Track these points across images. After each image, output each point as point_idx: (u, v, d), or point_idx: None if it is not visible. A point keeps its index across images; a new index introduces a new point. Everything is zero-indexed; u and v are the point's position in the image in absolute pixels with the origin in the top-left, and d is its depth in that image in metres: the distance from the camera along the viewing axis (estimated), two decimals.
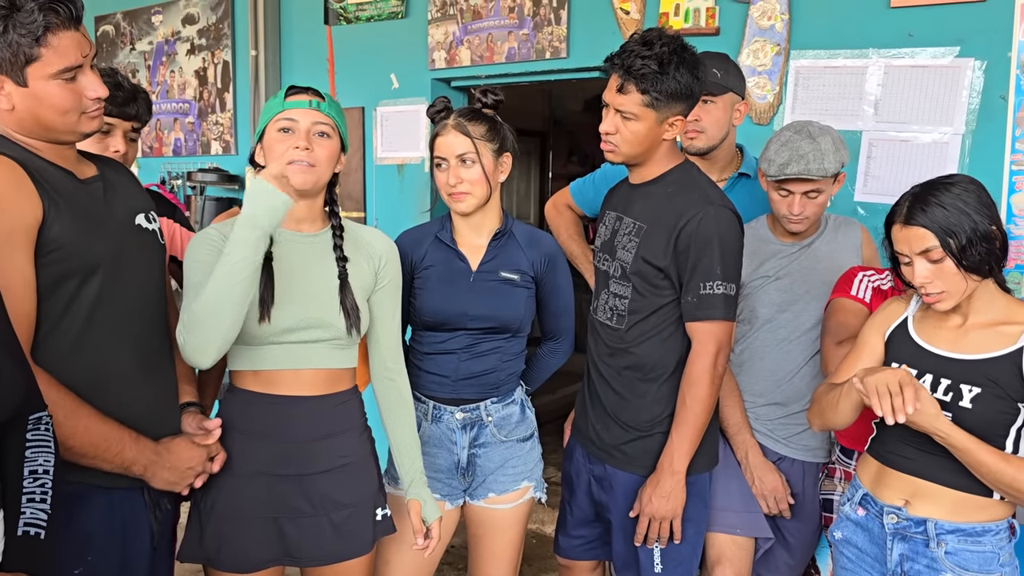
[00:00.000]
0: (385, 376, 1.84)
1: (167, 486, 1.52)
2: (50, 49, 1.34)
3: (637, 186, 1.93)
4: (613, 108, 1.80)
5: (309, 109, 1.65)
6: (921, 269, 1.57)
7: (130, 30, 4.58)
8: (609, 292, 1.94)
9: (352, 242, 1.75)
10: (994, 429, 1.54)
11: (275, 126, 1.65)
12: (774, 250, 2.10)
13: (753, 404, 2.10)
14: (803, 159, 1.93)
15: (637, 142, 1.82)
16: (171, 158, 4.47)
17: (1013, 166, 2.38)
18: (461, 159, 1.90)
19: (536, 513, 3.57)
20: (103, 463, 1.40)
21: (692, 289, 1.80)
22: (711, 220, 1.78)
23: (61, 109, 1.38)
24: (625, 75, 1.75)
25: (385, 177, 3.78)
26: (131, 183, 1.63)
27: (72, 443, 1.34)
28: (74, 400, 1.36)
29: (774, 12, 2.73)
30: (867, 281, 1.96)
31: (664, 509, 1.82)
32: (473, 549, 2.09)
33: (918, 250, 1.56)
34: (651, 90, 1.75)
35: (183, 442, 1.57)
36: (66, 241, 1.37)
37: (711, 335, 1.79)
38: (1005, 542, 1.58)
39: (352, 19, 3.77)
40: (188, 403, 1.67)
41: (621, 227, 1.92)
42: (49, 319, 1.37)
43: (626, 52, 1.76)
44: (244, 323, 1.58)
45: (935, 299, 1.58)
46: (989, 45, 2.39)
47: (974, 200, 1.54)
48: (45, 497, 1.13)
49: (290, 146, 1.62)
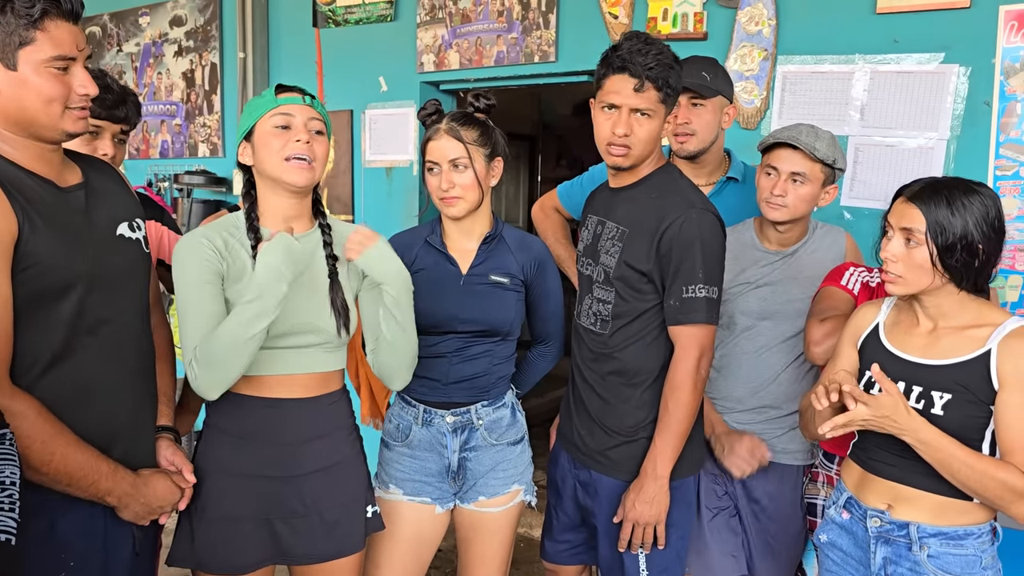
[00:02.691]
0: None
1: (134, 518, 1.49)
2: (45, 35, 1.33)
3: (619, 190, 1.94)
4: (627, 109, 1.79)
5: (304, 105, 1.64)
6: (894, 246, 1.58)
7: (117, 31, 4.56)
8: (593, 297, 1.94)
9: (339, 241, 1.74)
10: (968, 434, 1.54)
11: (269, 122, 1.62)
12: (757, 256, 2.11)
13: (732, 409, 2.10)
14: (796, 131, 1.97)
15: (651, 140, 1.83)
16: (158, 160, 4.45)
17: (997, 171, 2.40)
18: (454, 164, 1.90)
19: (524, 517, 3.57)
20: (77, 491, 1.38)
21: (674, 293, 1.80)
22: (693, 223, 1.78)
23: (47, 97, 1.35)
24: (643, 73, 1.75)
25: (373, 180, 3.78)
26: (117, 188, 1.60)
27: (47, 469, 1.32)
28: (55, 426, 1.34)
29: (762, 17, 2.74)
30: (857, 275, 1.97)
31: (648, 514, 1.82)
32: (462, 552, 2.09)
33: (902, 225, 1.56)
34: (665, 86, 1.77)
35: (162, 479, 1.55)
36: (42, 258, 1.34)
37: (694, 339, 1.80)
38: (988, 545, 1.59)
39: (340, 22, 3.76)
40: (163, 427, 1.65)
41: (604, 232, 1.92)
42: (25, 335, 1.34)
43: (635, 52, 1.76)
44: None
45: (891, 279, 1.59)
46: (973, 51, 2.41)
47: (981, 214, 1.53)
48: (13, 507, 1.13)
49: (290, 140, 1.61)
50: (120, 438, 1.48)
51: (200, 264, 1.57)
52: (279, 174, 1.62)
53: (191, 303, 1.57)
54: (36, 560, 1.36)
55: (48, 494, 1.35)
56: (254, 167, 1.67)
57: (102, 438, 1.43)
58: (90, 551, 1.44)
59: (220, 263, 1.60)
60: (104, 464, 1.41)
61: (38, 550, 1.36)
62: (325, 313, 1.67)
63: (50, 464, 1.32)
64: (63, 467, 1.34)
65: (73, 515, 1.40)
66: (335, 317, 1.67)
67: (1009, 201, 2.37)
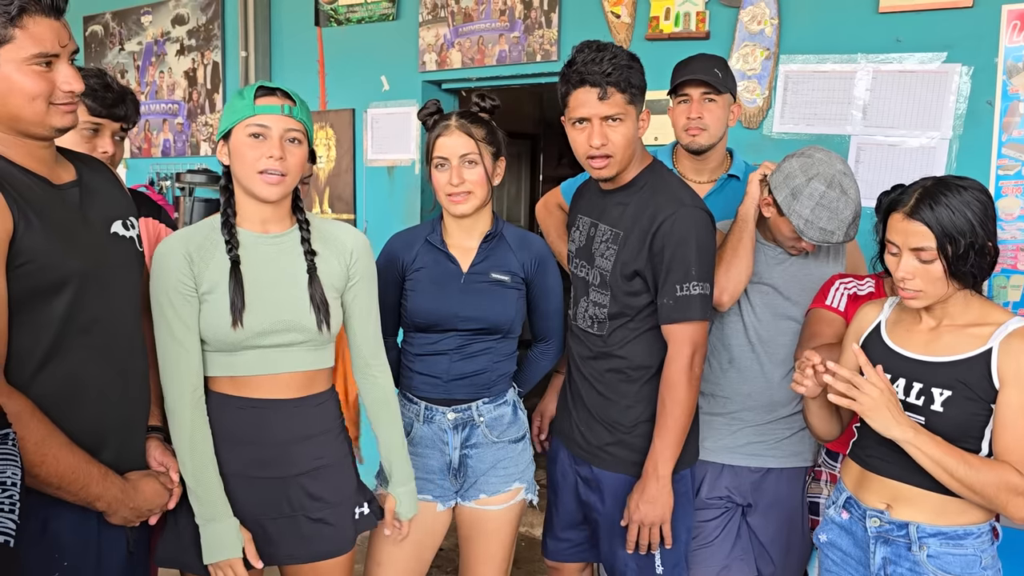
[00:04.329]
0: (367, 374, 1.83)
1: (123, 522, 1.49)
2: (25, 32, 1.32)
3: (610, 193, 1.94)
4: (597, 119, 1.80)
5: (281, 115, 1.60)
6: (907, 264, 1.56)
7: (119, 30, 4.57)
8: (589, 300, 1.94)
9: (320, 238, 1.73)
10: (967, 431, 1.54)
11: (245, 130, 1.59)
12: (759, 251, 2.11)
13: (737, 410, 2.09)
14: (840, 223, 1.90)
15: (629, 144, 1.84)
16: (160, 159, 4.46)
17: (1000, 171, 2.40)
18: (465, 160, 1.90)
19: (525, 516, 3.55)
20: (67, 495, 1.37)
21: (668, 291, 1.80)
22: (685, 221, 1.79)
23: (30, 94, 1.34)
24: (601, 81, 1.77)
25: (375, 179, 3.78)
26: (111, 186, 1.59)
27: (39, 471, 1.31)
28: (48, 428, 1.33)
29: (764, 17, 2.74)
30: (843, 289, 1.96)
31: (652, 514, 1.82)
32: (464, 551, 2.09)
33: (912, 246, 1.54)
34: (628, 87, 1.79)
35: (151, 482, 1.54)
36: (36, 255, 1.33)
37: (687, 337, 1.80)
38: (987, 545, 1.59)
39: (343, 21, 3.76)
40: (153, 427, 1.65)
41: (597, 234, 1.93)
42: (18, 333, 1.33)
43: (589, 62, 1.78)
44: (218, 330, 1.59)
45: (911, 295, 1.58)
46: (976, 50, 2.41)
47: (981, 211, 1.52)
48: (13, 508, 1.12)
49: (263, 155, 1.58)
50: (111, 439, 1.47)
51: (175, 283, 1.59)
52: (250, 185, 1.62)
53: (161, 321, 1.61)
54: (30, 560, 1.35)
55: (40, 493, 1.34)
56: (230, 167, 1.66)
57: (93, 439, 1.42)
58: (84, 551, 1.43)
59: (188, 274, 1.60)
60: (94, 468, 1.40)
61: (31, 550, 1.35)
62: (305, 309, 1.66)
63: (42, 466, 1.31)
64: (55, 469, 1.33)
65: (66, 514, 1.40)
66: (314, 312, 1.66)
67: (1011, 201, 2.36)
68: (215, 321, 1.59)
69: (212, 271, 1.61)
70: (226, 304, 1.59)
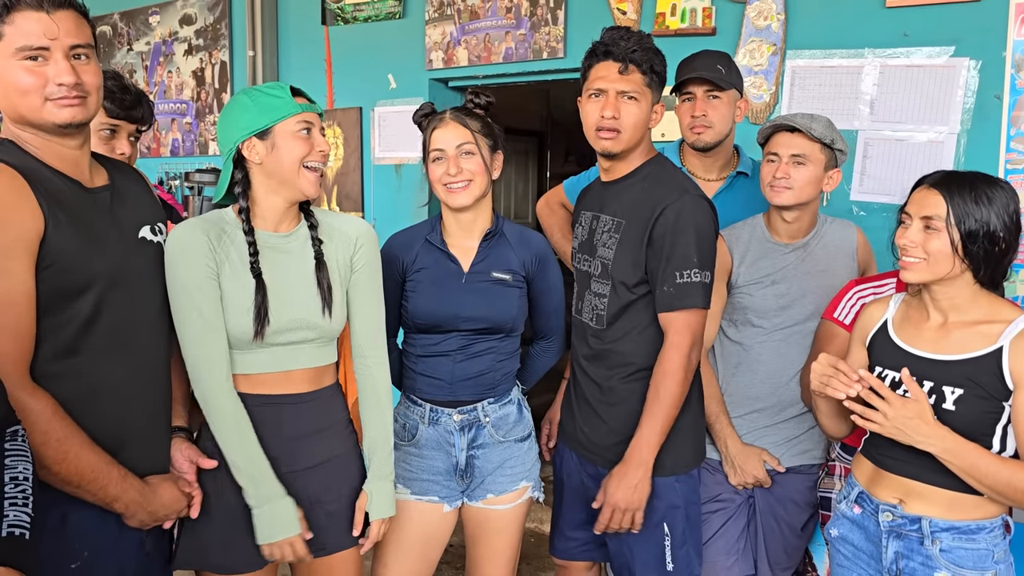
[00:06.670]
0: (363, 364, 1.82)
1: (139, 525, 1.50)
2: (13, 27, 1.33)
3: (610, 184, 1.95)
4: (614, 92, 1.81)
5: (315, 114, 1.66)
6: (913, 232, 1.57)
7: (127, 31, 4.59)
8: (591, 292, 1.94)
9: (326, 231, 1.75)
10: (979, 429, 1.53)
11: (294, 126, 1.62)
12: (769, 249, 2.10)
13: (751, 408, 2.09)
14: (791, 116, 1.99)
15: (639, 125, 1.85)
16: (169, 159, 4.48)
17: (1008, 165, 2.39)
18: (462, 150, 1.90)
19: (534, 512, 3.58)
20: (86, 494, 1.38)
21: (668, 278, 1.79)
22: (687, 208, 1.79)
23: (22, 89, 1.35)
24: (625, 56, 1.80)
25: (383, 177, 3.79)
26: (143, 192, 1.61)
27: (59, 468, 1.33)
28: (69, 426, 1.35)
29: (770, 12, 2.74)
30: (857, 299, 1.94)
31: (630, 500, 1.80)
32: (471, 549, 2.09)
33: (922, 214, 1.55)
34: (649, 70, 1.81)
35: (169, 486, 1.55)
36: (64, 255, 1.34)
37: (687, 325, 1.79)
38: (1000, 539, 1.58)
39: (349, 19, 3.77)
40: (178, 428, 1.66)
41: (599, 225, 1.93)
42: (42, 332, 1.35)
43: (617, 39, 1.81)
44: (235, 332, 1.61)
45: (908, 264, 1.58)
46: (984, 44, 2.40)
47: (1003, 205, 1.53)
48: (27, 502, 1.14)
49: (313, 148, 1.64)
50: (131, 441, 1.48)
51: (202, 270, 1.59)
52: (293, 178, 1.63)
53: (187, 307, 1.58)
54: (50, 550, 1.37)
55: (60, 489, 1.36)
56: (260, 165, 1.64)
57: (112, 440, 1.43)
58: (103, 543, 1.45)
59: (212, 257, 1.60)
60: (114, 469, 1.42)
61: (52, 541, 1.37)
62: (316, 308, 1.67)
63: (63, 463, 1.33)
64: (75, 467, 1.35)
65: (85, 508, 1.41)
66: (320, 299, 1.68)
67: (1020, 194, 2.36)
68: (231, 321, 1.61)
69: (228, 268, 1.62)
70: (242, 305, 1.60)
